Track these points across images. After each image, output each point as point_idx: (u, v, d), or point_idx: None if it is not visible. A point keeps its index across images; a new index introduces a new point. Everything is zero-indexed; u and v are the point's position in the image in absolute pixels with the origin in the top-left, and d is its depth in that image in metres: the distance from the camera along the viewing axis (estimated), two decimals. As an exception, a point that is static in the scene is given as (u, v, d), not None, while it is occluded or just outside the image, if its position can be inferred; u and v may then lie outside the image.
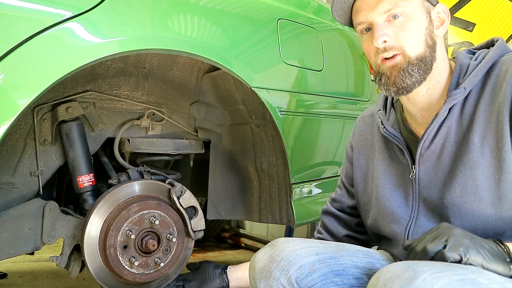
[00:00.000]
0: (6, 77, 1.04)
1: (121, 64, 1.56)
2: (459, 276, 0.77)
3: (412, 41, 0.99)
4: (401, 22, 1.00)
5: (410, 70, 0.99)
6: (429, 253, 0.84)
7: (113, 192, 1.52)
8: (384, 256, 1.13)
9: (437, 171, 1.02)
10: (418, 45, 0.99)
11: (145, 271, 1.53)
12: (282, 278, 0.97)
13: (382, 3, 1.00)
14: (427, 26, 1.00)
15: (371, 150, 1.21)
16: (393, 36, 1.00)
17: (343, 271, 1.01)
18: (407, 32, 0.99)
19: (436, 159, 1.02)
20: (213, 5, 1.46)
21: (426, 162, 1.04)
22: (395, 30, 1.00)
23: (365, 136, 1.25)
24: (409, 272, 0.77)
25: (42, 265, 2.79)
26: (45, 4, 1.11)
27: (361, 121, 1.28)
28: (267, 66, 1.60)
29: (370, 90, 2.14)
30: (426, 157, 1.04)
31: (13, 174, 1.45)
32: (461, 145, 0.98)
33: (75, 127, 1.53)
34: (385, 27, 1.00)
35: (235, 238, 3.82)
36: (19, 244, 1.44)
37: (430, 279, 0.75)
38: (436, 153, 1.02)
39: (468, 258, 0.81)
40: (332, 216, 1.32)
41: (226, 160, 1.87)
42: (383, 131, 1.12)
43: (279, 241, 1.05)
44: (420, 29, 1.00)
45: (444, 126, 1.01)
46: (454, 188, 0.98)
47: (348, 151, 1.31)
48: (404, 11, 0.99)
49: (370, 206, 1.18)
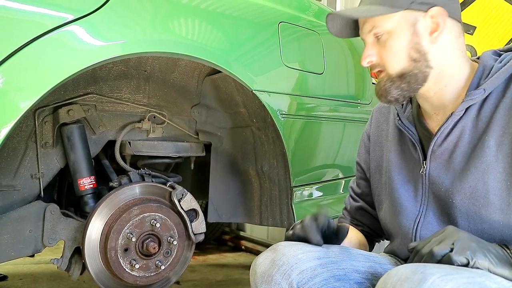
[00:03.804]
0: (7, 79, 1.05)
1: (122, 67, 1.56)
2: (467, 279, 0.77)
3: (392, 59, 1.01)
4: (383, 41, 1.01)
5: (390, 87, 1.01)
6: (436, 256, 0.83)
7: (114, 194, 1.53)
8: (387, 260, 1.12)
9: (448, 169, 1.01)
10: (399, 61, 1.00)
11: (146, 274, 1.53)
12: (283, 282, 0.97)
13: (365, 24, 1.04)
14: (409, 40, 0.99)
15: (386, 141, 1.20)
16: (377, 55, 1.03)
17: (344, 276, 1.00)
18: (388, 50, 1.01)
19: (447, 157, 1.02)
20: (214, 8, 1.47)
21: (437, 159, 1.03)
22: (380, 49, 1.02)
23: (381, 127, 1.24)
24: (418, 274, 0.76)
25: (43, 267, 2.79)
26: (46, 7, 1.12)
27: (378, 112, 1.27)
28: (268, 69, 1.61)
29: (370, 93, 2.14)
30: (438, 154, 1.03)
31: (14, 177, 1.46)
32: (475, 147, 0.98)
33: (76, 130, 1.53)
34: (371, 47, 1.04)
35: (236, 240, 3.82)
36: (20, 246, 1.44)
37: (439, 282, 0.74)
38: (448, 152, 1.01)
39: (475, 261, 0.81)
40: (367, 213, 1.31)
41: (227, 163, 1.87)
42: (397, 123, 1.12)
43: (280, 245, 1.04)
44: (401, 45, 1.00)
45: (459, 125, 1.00)
46: (464, 189, 0.98)
47: (364, 140, 1.30)
48: (384, 29, 1.00)
49: (383, 197, 1.18)
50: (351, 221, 1.31)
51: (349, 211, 1.32)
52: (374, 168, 1.24)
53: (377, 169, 1.22)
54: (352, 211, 1.31)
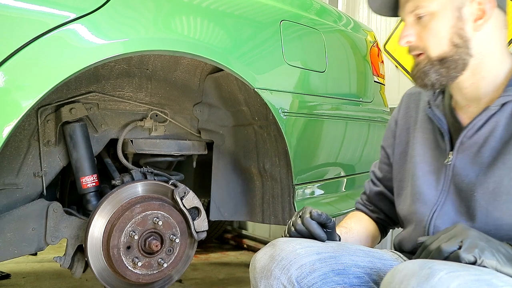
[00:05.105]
0: (10, 78, 1.05)
1: (124, 66, 1.56)
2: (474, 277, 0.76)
3: (433, 41, 0.99)
4: (425, 22, 0.99)
5: (428, 70, 0.99)
6: (444, 252, 0.83)
7: (116, 193, 1.53)
8: (387, 255, 1.12)
9: (474, 163, 1.00)
10: (440, 44, 0.98)
11: (148, 272, 1.54)
12: (282, 277, 0.97)
13: (408, 3, 1.01)
14: (453, 24, 0.97)
15: (413, 128, 1.19)
16: (417, 36, 1.01)
17: (344, 270, 1.00)
18: (429, 32, 0.99)
19: (476, 150, 1.00)
20: (215, 7, 1.47)
21: (465, 151, 1.02)
22: (420, 30, 1.00)
23: (410, 113, 1.22)
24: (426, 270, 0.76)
25: (45, 265, 2.80)
26: (49, 6, 1.12)
27: (408, 97, 1.26)
28: (270, 67, 1.61)
29: (372, 91, 2.14)
30: (466, 146, 1.02)
31: (17, 175, 1.46)
32: (506, 144, 0.97)
33: (79, 128, 1.53)
34: (411, 27, 1.01)
35: (238, 239, 3.82)
36: (23, 244, 1.44)
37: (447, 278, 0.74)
38: (478, 145, 1.00)
39: (482, 260, 0.81)
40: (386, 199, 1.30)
41: (229, 161, 1.87)
42: (428, 111, 1.11)
43: (279, 241, 1.05)
44: (444, 28, 0.98)
45: (492, 120, 0.99)
46: (487, 184, 0.97)
47: (391, 125, 1.28)
48: (428, 10, 0.98)
49: (404, 183, 1.17)
50: (367, 207, 1.31)
51: (368, 195, 1.32)
52: (399, 153, 1.22)
53: (402, 154, 1.21)
54: (371, 195, 1.31)
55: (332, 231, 1.08)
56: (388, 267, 1.05)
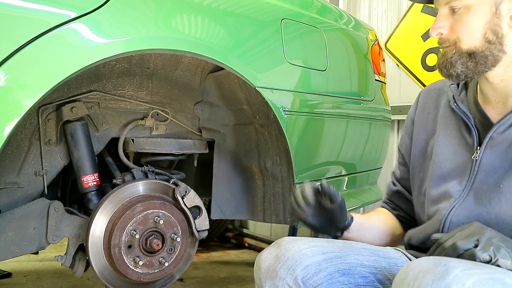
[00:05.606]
0: (11, 77, 1.05)
1: (125, 64, 1.56)
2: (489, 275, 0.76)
3: (466, 35, 0.97)
4: (459, 15, 0.98)
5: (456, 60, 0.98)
6: (459, 250, 0.83)
7: (117, 192, 1.53)
8: (391, 253, 1.12)
9: (504, 159, 0.99)
10: (472, 39, 0.97)
11: (150, 271, 1.54)
12: (288, 277, 0.97)
13: None
14: (488, 19, 0.96)
15: (432, 125, 1.18)
16: (449, 29, 1.00)
17: (349, 270, 1.00)
18: (462, 25, 0.97)
19: (506, 147, 0.99)
20: (216, 5, 1.46)
21: (494, 147, 1.01)
22: (453, 23, 0.99)
23: (428, 110, 1.21)
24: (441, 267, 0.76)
25: (47, 264, 2.80)
26: (50, 5, 1.11)
27: (425, 95, 1.24)
28: (271, 66, 1.60)
29: (374, 89, 2.13)
30: (496, 141, 1.01)
31: (18, 174, 1.46)
32: None
33: (80, 127, 1.53)
34: (444, 19, 1.00)
35: (239, 238, 3.82)
36: (24, 243, 1.44)
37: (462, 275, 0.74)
38: (508, 141, 0.99)
39: (497, 259, 0.81)
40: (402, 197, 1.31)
41: (230, 160, 1.87)
42: (453, 106, 1.10)
43: (284, 240, 1.04)
44: (478, 23, 0.96)
45: None
46: None
47: (408, 125, 1.27)
48: (463, 3, 0.97)
49: (425, 183, 1.16)
50: (389, 205, 1.33)
51: (388, 194, 1.34)
52: (417, 152, 1.21)
53: (420, 152, 1.20)
54: (391, 194, 1.33)
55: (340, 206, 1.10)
56: (392, 265, 1.05)
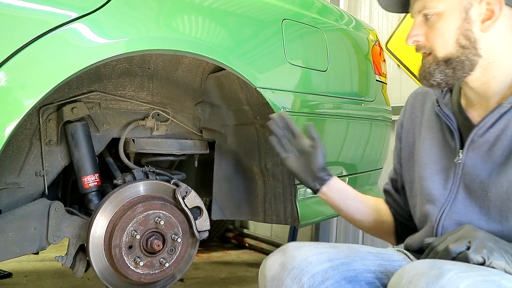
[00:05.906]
0: (12, 77, 1.05)
1: (126, 65, 1.56)
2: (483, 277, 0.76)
3: (440, 41, 0.98)
4: (432, 22, 0.99)
5: (434, 70, 1.00)
6: (452, 253, 0.83)
7: (118, 192, 1.53)
8: (395, 256, 1.12)
9: (485, 161, 0.99)
10: (446, 45, 0.98)
11: (150, 271, 1.54)
12: (294, 286, 0.96)
13: (416, 3, 1.02)
14: (459, 25, 0.97)
15: (419, 128, 1.19)
16: (424, 36, 1.01)
17: (355, 276, 1.00)
18: (436, 32, 0.99)
19: (487, 149, 0.99)
20: (217, 6, 1.46)
21: (476, 150, 1.01)
22: (427, 30, 1.00)
23: (415, 113, 1.22)
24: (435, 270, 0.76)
25: (47, 264, 2.80)
26: (50, 5, 1.11)
27: (413, 98, 1.25)
28: (271, 66, 1.60)
29: (374, 90, 2.13)
30: (477, 144, 1.01)
31: (18, 174, 1.46)
32: None
33: (80, 128, 1.53)
34: (419, 27, 1.01)
35: (239, 238, 3.82)
36: (25, 243, 1.44)
37: (456, 278, 0.74)
38: (489, 143, 0.99)
39: (491, 261, 0.80)
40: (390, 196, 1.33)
41: (231, 160, 1.87)
42: (437, 109, 1.10)
43: (290, 247, 1.03)
44: (450, 29, 0.97)
45: (504, 118, 0.97)
46: (501, 183, 0.95)
47: (398, 129, 1.29)
48: (435, 11, 0.98)
49: (414, 185, 1.16)
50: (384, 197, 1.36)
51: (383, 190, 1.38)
52: (406, 155, 1.22)
53: (409, 156, 1.21)
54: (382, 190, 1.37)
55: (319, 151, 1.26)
56: (396, 268, 1.05)
